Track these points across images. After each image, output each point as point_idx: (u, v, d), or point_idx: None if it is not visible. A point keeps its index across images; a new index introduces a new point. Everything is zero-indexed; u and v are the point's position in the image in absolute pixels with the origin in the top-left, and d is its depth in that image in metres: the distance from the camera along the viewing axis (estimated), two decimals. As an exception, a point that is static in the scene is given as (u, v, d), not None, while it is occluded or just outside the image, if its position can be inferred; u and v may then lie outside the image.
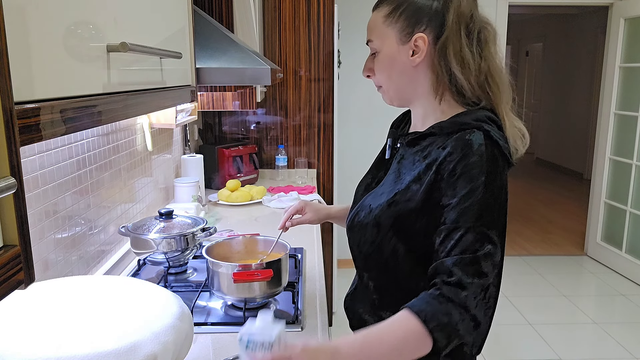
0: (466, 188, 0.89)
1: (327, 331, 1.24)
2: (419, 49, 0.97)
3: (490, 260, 0.89)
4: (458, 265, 0.87)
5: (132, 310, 0.86)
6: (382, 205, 1.00)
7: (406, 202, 0.96)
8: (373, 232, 1.01)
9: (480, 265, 0.87)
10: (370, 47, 1.04)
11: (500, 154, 0.93)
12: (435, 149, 0.96)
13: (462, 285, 0.86)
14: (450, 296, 0.86)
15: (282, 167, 2.99)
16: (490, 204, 0.89)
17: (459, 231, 0.88)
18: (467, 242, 0.88)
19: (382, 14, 1.00)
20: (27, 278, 0.47)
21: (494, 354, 2.91)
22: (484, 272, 0.88)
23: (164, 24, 1.03)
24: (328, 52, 3.00)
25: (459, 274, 0.86)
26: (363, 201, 1.08)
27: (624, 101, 3.99)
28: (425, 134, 1.00)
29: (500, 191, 0.92)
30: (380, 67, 1.02)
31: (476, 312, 0.87)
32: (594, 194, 4.32)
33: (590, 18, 6.95)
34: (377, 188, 1.08)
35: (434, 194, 0.93)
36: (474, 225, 0.88)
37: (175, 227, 1.54)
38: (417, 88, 1.02)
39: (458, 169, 0.90)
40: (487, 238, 0.88)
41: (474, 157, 0.90)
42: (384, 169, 1.12)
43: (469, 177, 0.89)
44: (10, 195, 0.45)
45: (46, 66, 0.56)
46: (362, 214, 1.05)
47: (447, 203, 0.91)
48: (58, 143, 1.26)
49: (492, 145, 0.92)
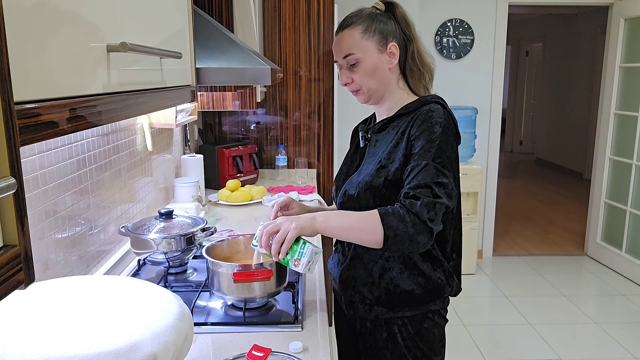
0: (427, 138, 1.17)
1: (327, 331, 1.24)
2: (394, 54, 1.26)
3: (443, 188, 1.14)
4: (415, 188, 1.14)
5: (132, 310, 0.86)
6: (371, 172, 1.23)
7: (392, 163, 1.21)
8: (367, 195, 1.23)
9: (432, 188, 1.13)
10: (347, 60, 1.26)
11: (453, 123, 1.22)
12: (405, 122, 1.24)
13: (416, 198, 1.13)
14: (407, 206, 1.13)
15: (282, 167, 2.99)
16: (444, 149, 1.16)
17: (419, 166, 1.15)
18: (425, 173, 1.14)
19: (358, 31, 1.24)
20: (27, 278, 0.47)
21: (494, 354, 2.91)
22: (437, 195, 1.13)
23: (164, 24, 1.03)
24: (328, 52, 2.99)
25: (416, 193, 1.13)
26: (349, 181, 1.29)
27: (624, 101, 3.99)
28: (394, 117, 1.28)
29: (453, 145, 1.19)
30: (364, 73, 1.26)
31: (427, 219, 1.11)
32: (594, 194, 4.32)
33: (590, 18, 6.95)
34: (358, 170, 1.30)
35: (407, 149, 1.19)
36: (430, 162, 1.15)
37: (175, 227, 1.54)
38: (389, 85, 1.29)
39: (423, 127, 1.18)
40: (440, 172, 1.15)
41: (435, 118, 1.19)
42: (358, 158, 1.36)
43: (431, 131, 1.17)
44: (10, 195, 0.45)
45: (46, 66, 0.56)
46: (352, 190, 1.26)
47: (414, 151, 1.18)
48: (58, 143, 1.26)
49: (448, 114, 1.22)
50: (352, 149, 1.41)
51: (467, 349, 2.96)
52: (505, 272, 4.13)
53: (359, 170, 1.30)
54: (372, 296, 1.28)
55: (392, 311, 1.27)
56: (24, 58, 0.52)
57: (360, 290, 1.29)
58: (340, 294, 1.37)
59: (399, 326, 1.27)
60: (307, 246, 1.15)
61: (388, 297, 1.26)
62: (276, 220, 1.18)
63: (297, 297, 1.38)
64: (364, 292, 1.28)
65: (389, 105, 1.31)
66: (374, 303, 1.28)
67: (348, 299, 1.34)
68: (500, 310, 3.48)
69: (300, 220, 1.16)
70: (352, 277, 1.30)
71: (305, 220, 1.16)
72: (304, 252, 1.15)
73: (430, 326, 1.28)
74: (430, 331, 1.28)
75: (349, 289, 1.31)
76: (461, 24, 4.03)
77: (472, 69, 4.12)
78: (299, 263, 1.15)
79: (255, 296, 1.29)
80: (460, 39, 4.05)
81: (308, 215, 1.19)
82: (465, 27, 4.04)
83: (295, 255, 1.16)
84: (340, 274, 1.33)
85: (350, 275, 1.31)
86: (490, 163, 4.27)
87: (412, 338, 1.27)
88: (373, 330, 1.30)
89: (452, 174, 1.17)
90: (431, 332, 1.28)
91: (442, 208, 1.14)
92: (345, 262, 1.32)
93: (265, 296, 1.31)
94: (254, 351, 1.06)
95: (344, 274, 1.32)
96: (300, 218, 1.17)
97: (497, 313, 3.44)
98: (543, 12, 7.74)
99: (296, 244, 1.16)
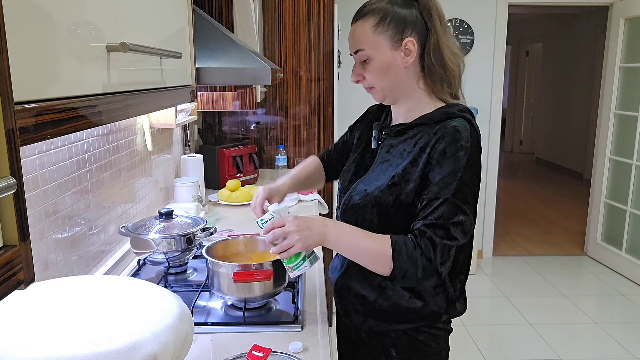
0: (451, 167, 1.05)
1: (327, 331, 1.24)
2: (410, 51, 1.10)
3: (460, 227, 1.06)
4: (431, 227, 1.05)
5: (132, 310, 0.86)
6: (381, 187, 1.13)
7: (406, 183, 1.10)
8: (373, 211, 1.14)
9: (449, 230, 1.05)
10: (359, 56, 1.14)
11: (478, 140, 1.10)
12: (426, 135, 1.11)
13: (432, 242, 1.04)
14: (422, 249, 1.04)
15: (282, 167, 2.98)
16: (467, 183, 1.06)
17: (438, 201, 1.05)
18: (443, 210, 1.05)
19: (370, 24, 1.11)
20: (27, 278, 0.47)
21: (494, 354, 2.91)
22: (454, 236, 1.05)
23: (164, 24, 1.03)
24: (328, 52, 2.99)
25: (431, 234, 1.04)
26: (355, 186, 1.20)
27: (624, 101, 3.99)
28: (413, 125, 1.15)
29: (478, 173, 1.09)
30: (375, 71, 1.13)
31: (439, 265, 1.05)
32: (594, 194, 4.32)
33: (590, 18, 6.95)
34: (367, 175, 1.20)
35: (426, 171, 1.08)
36: (451, 197, 1.05)
37: (175, 227, 1.54)
38: (406, 86, 1.15)
39: (448, 151, 1.06)
40: (460, 210, 1.05)
41: (461, 141, 1.06)
42: (369, 158, 1.25)
43: (456, 158, 1.05)
44: (10, 195, 0.45)
45: (46, 66, 0.56)
46: (356, 197, 1.18)
47: (433, 178, 1.07)
48: (58, 143, 1.26)
49: (475, 133, 1.09)
50: (363, 144, 1.30)
51: (467, 349, 2.96)
52: (505, 272, 4.12)
53: (367, 175, 1.20)
54: (364, 309, 1.22)
55: (385, 324, 1.21)
56: (24, 58, 0.52)
57: (353, 302, 1.24)
58: (337, 301, 1.32)
59: (393, 339, 1.22)
60: (305, 265, 1.15)
61: (381, 312, 1.20)
62: (285, 223, 1.09)
63: (297, 297, 1.38)
64: (357, 304, 1.23)
65: (407, 108, 1.18)
66: (367, 315, 1.22)
67: (343, 308, 1.29)
68: (500, 310, 3.48)
69: (309, 239, 1.08)
70: (347, 287, 1.25)
71: (314, 236, 1.08)
72: (300, 267, 1.15)
73: (427, 338, 1.22)
74: (426, 344, 1.22)
75: (343, 298, 1.27)
76: (461, 24, 4.03)
77: (472, 69, 4.11)
78: (292, 271, 1.16)
79: (255, 296, 1.29)
80: (460, 39, 4.05)
81: (320, 228, 1.09)
82: (465, 27, 4.04)
83: (291, 264, 1.15)
84: (336, 282, 1.29)
85: (345, 285, 1.25)
86: (490, 163, 4.27)
87: (407, 351, 1.22)
88: (367, 341, 1.26)
89: (472, 207, 1.08)
90: (427, 344, 1.22)
91: (455, 248, 1.07)
92: (342, 270, 1.27)
93: (265, 296, 1.31)
94: (254, 351, 1.06)
95: (340, 282, 1.27)
96: (311, 231, 1.08)
97: (497, 313, 3.44)
98: (543, 12, 7.73)
99: (296, 257, 1.14)
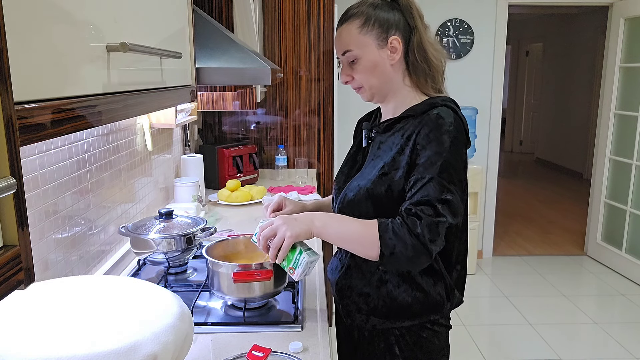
0: (435, 149, 1.09)
1: (327, 331, 1.24)
2: (396, 49, 1.16)
3: (447, 205, 1.08)
4: (417, 205, 1.08)
5: (132, 310, 0.86)
6: (372, 179, 1.17)
7: (395, 171, 1.14)
8: (367, 204, 1.17)
9: (435, 206, 1.07)
10: (347, 57, 1.19)
11: (464, 128, 1.13)
12: (412, 125, 1.15)
13: (418, 217, 1.06)
14: (409, 225, 1.06)
15: (282, 167, 2.99)
16: (452, 164, 1.09)
17: (423, 180, 1.08)
18: (429, 189, 1.08)
19: (355, 26, 1.16)
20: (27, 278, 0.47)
21: (494, 354, 2.91)
22: (441, 213, 1.07)
23: (164, 24, 1.03)
24: (328, 52, 2.99)
25: (417, 210, 1.07)
26: (349, 184, 1.23)
27: (624, 101, 3.99)
28: (400, 118, 1.19)
29: (461, 157, 1.12)
30: (364, 71, 1.18)
31: (427, 241, 1.06)
32: (594, 194, 4.32)
33: (590, 18, 6.95)
34: (360, 172, 1.24)
35: (412, 157, 1.12)
36: (436, 176, 1.08)
37: (175, 227, 1.54)
38: (393, 83, 1.20)
39: (431, 135, 1.10)
40: (446, 188, 1.08)
41: (445, 126, 1.10)
42: (361, 157, 1.29)
43: (439, 141, 1.09)
44: (10, 195, 0.45)
45: (46, 66, 0.56)
46: (351, 194, 1.20)
47: (420, 161, 1.10)
48: (58, 143, 1.26)
49: (459, 119, 1.13)
50: (355, 147, 1.34)
51: (467, 349, 2.96)
52: (505, 272, 4.12)
53: (360, 172, 1.24)
54: (367, 307, 1.23)
55: (389, 321, 1.22)
56: (24, 58, 0.52)
57: (356, 301, 1.24)
58: (338, 302, 1.32)
59: (397, 337, 1.23)
60: (302, 257, 1.13)
61: (384, 308, 1.21)
62: (272, 222, 1.14)
63: (297, 297, 1.38)
64: (360, 303, 1.24)
65: (394, 104, 1.23)
66: (371, 313, 1.23)
67: (345, 308, 1.28)
68: (500, 310, 3.48)
69: (297, 227, 1.11)
70: (348, 287, 1.26)
71: (302, 224, 1.12)
72: (299, 262, 1.14)
73: (430, 335, 1.23)
74: (429, 341, 1.23)
75: (345, 298, 1.27)
76: (461, 24, 4.03)
77: (472, 69, 4.11)
78: (293, 272, 1.15)
79: (255, 296, 1.29)
80: (460, 39, 4.05)
81: (306, 217, 1.14)
82: (465, 27, 4.04)
83: (290, 264, 1.15)
84: (337, 282, 1.29)
85: (347, 285, 1.26)
86: (490, 163, 4.27)
87: (411, 349, 1.23)
88: (370, 340, 1.26)
89: (458, 189, 1.10)
90: (431, 341, 1.23)
91: (444, 227, 1.08)
92: (342, 270, 1.28)
93: (265, 296, 1.31)
94: (254, 351, 1.06)
95: (340, 282, 1.28)
96: (297, 220, 1.13)
97: (497, 313, 3.44)
98: (543, 12, 7.73)
99: (292, 252, 1.14)
